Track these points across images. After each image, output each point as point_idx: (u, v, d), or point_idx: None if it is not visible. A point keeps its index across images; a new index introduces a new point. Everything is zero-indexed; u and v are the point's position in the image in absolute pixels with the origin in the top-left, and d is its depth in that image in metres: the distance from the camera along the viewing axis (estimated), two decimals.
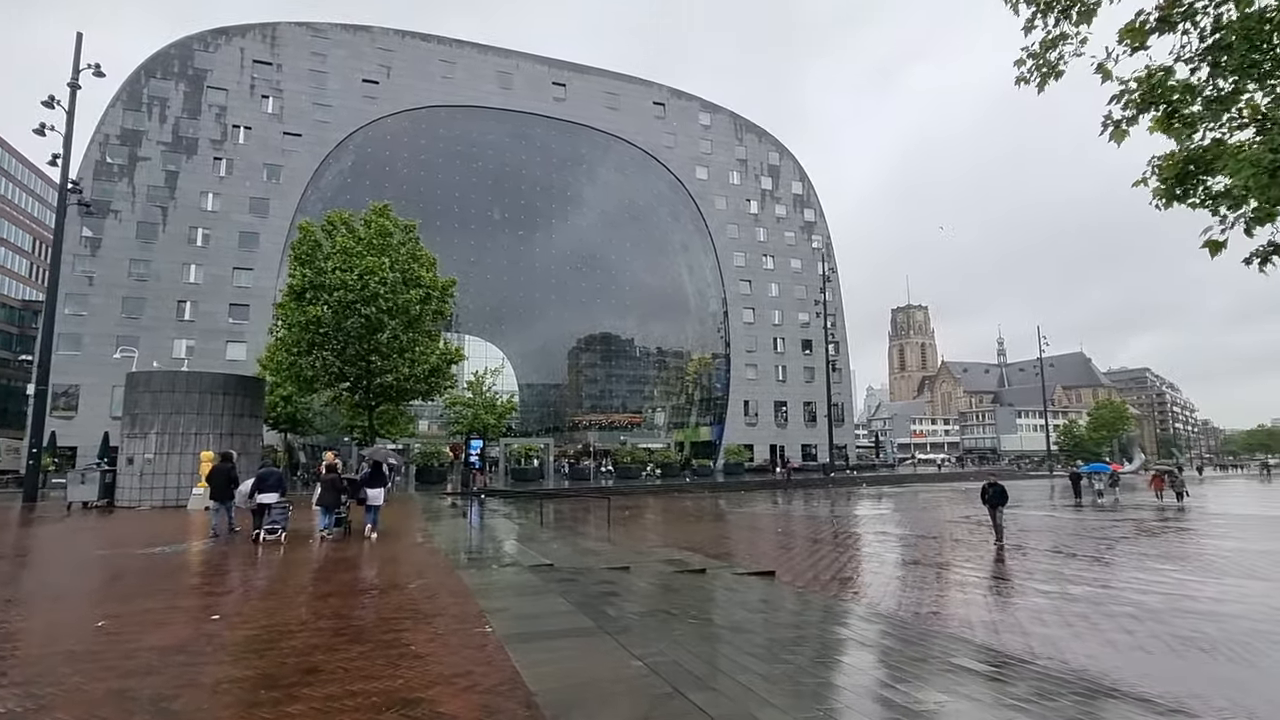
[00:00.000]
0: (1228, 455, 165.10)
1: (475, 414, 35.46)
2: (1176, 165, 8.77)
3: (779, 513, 26.73)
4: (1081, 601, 9.76)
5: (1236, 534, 18.90)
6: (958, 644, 6.64)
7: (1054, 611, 9.11)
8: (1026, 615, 8.88)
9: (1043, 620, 8.57)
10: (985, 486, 16.40)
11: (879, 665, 5.87)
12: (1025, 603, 9.69)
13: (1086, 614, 8.95)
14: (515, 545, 13.33)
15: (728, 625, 6.93)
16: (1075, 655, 7.02)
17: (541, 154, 63.81)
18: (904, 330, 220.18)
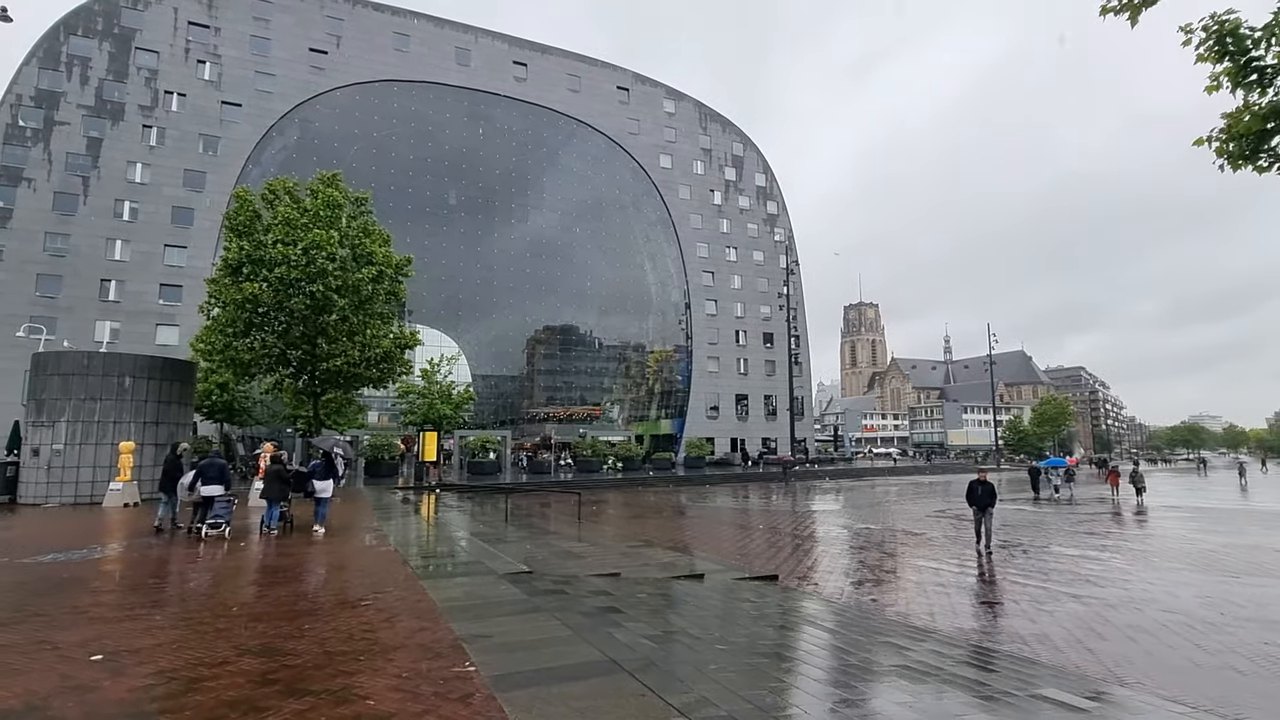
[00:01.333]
0: (1153, 450, 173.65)
1: (430, 404, 33.41)
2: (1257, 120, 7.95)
3: (750, 507, 25.83)
4: (1123, 609, 8.96)
5: (1223, 528, 18.83)
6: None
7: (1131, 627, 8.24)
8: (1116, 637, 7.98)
9: (1135, 639, 7.66)
10: (973, 484, 14.04)
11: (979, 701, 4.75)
12: (1071, 613, 8.81)
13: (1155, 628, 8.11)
14: (482, 547, 11.87)
15: (766, 652, 5.72)
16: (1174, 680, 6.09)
17: (501, 136, 61.50)
18: (856, 327, 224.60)
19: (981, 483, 13.90)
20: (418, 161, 58.59)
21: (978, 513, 13.82)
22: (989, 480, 14.05)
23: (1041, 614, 8.44)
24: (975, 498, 13.84)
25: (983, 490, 13.76)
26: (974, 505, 13.88)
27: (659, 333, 68.77)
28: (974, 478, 14.42)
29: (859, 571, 11.48)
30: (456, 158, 60.65)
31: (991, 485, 13.91)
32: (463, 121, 59.50)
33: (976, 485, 13.97)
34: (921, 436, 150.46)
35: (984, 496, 13.68)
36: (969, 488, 14.11)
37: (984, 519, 13.67)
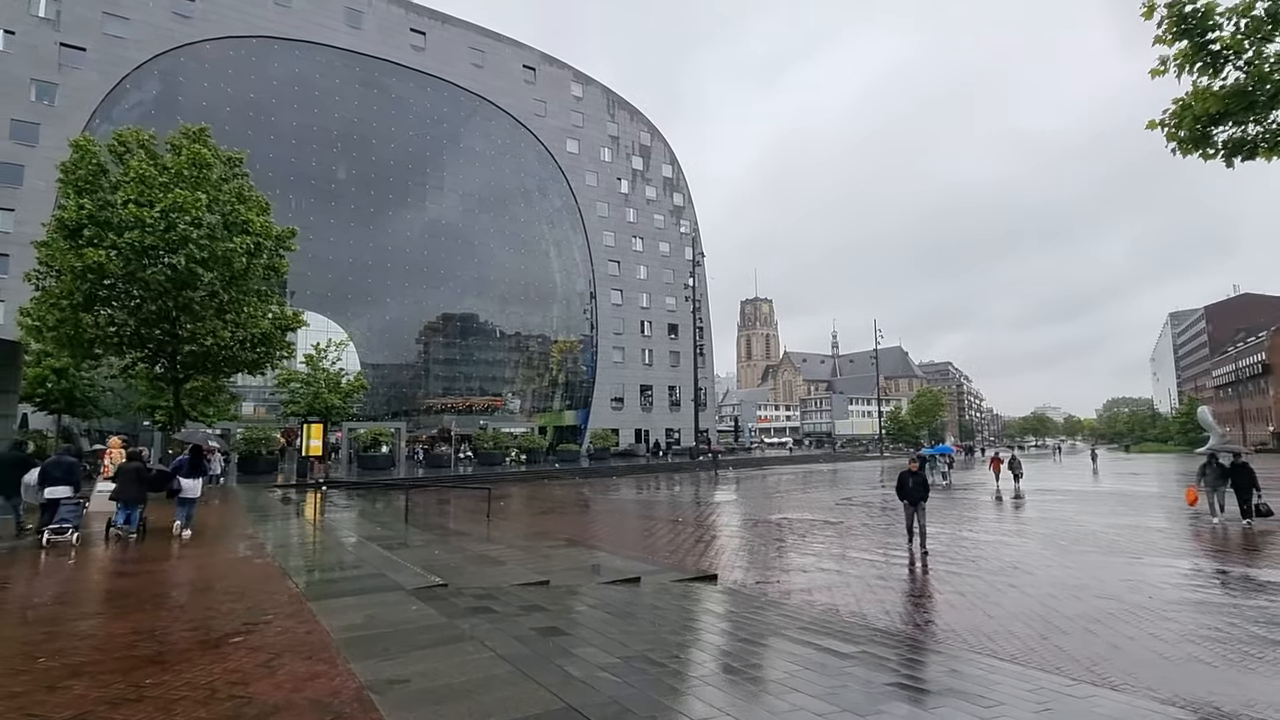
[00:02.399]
0: (1006, 438, 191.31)
1: (316, 393, 30.30)
2: (1217, 102, 7.89)
3: (664, 499, 25.26)
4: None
5: (1100, 509, 20.19)
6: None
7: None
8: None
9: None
10: (903, 476, 12.36)
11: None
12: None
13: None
14: (382, 554, 10.32)
15: (749, 677, 4.84)
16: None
17: (396, 109, 57.48)
18: (751, 321, 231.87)
19: (912, 474, 12.31)
20: (302, 130, 53.54)
21: (909, 507, 12.31)
22: (920, 471, 12.49)
23: (994, 607, 8.17)
24: (906, 490, 12.31)
25: (914, 482, 12.22)
26: (904, 499, 12.37)
27: (563, 322, 67.20)
28: (904, 468, 12.80)
29: (797, 568, 10.97)
30: (346, 129, 56.05)
31: (924, 477, 12.43)
32: (354, 90, 55.06)
33: (907, 477, 12.33)
34: (811, 426, 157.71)
35: (916, 489, 12.20)
36: (899, 480, 12.51)
37: (917, 514, 12.21)
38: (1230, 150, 8.05)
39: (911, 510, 12.26)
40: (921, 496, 12.19)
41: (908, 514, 12.38)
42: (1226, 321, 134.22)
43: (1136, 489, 29.24)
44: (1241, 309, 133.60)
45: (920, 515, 12.19)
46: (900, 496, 12.48)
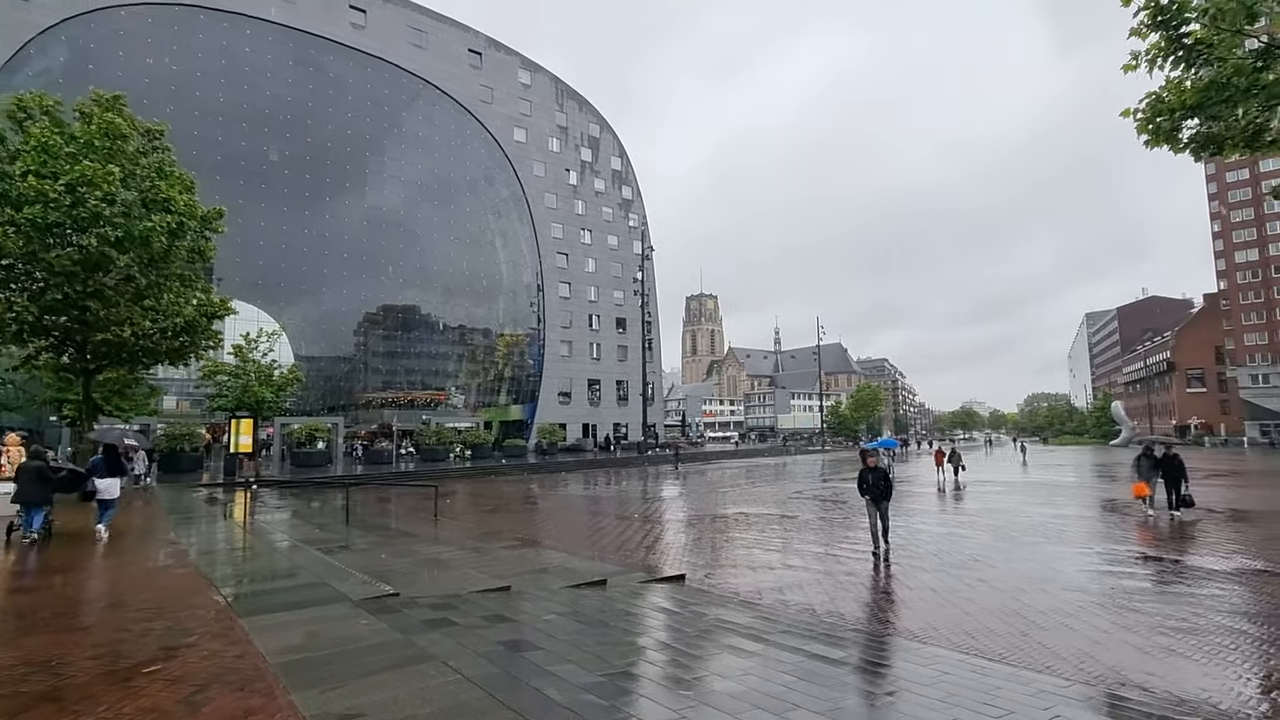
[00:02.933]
0: (937, 431, 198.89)
1: (245, 386, 28.36)
2: (1193, 94, 7.91)
3: (616, 495, 24.82)
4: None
5: (1038, 499, 20.87)
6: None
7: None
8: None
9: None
10: (864, 473, 11.12)
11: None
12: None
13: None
14: (322, 559, 9.49)
15: (746, 695, 4.42)
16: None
17: (334, 89, 54.81)
18: (696, 317, 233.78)
19: (872, 470, 11.10)
20: (231, 108, 50.35)
21: (872, 506, 11.12)
22: (881, 466, 11.41)
23: (968, 604, 8.05)
24: (868, 487, 11.09)
25: (875, 478, 11.01)
26: (866, 496, 11.20)
27: (510, 315, 65.81)
28: (864, 464, 11.45)
29: (763, 565, 10.70)
30: (279, 108, 53.08)
31: (885, 471, 11.33)
32: (287, 67, 52.18)
33: (867, 473, 11.09)
34: (755, 421, 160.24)
35: (878, 486, 11.00)
36: (860, 477, 11.28)
37: (880, 514, 11.08)
38: (1198, 145, 8.12)
39: (875, 509, 11.15)
40: (884, 494, 11.12)
41: (871, 513, 11.24)
42: (1136, 322, 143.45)
43: (1065, 479, 30.57)
44: (1149, 310, 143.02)
45: (883, 515, 11.16)
46: (861, 491, 11.33)
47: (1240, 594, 8.60)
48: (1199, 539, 12.94)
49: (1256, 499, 20.86)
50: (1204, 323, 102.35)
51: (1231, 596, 8.41)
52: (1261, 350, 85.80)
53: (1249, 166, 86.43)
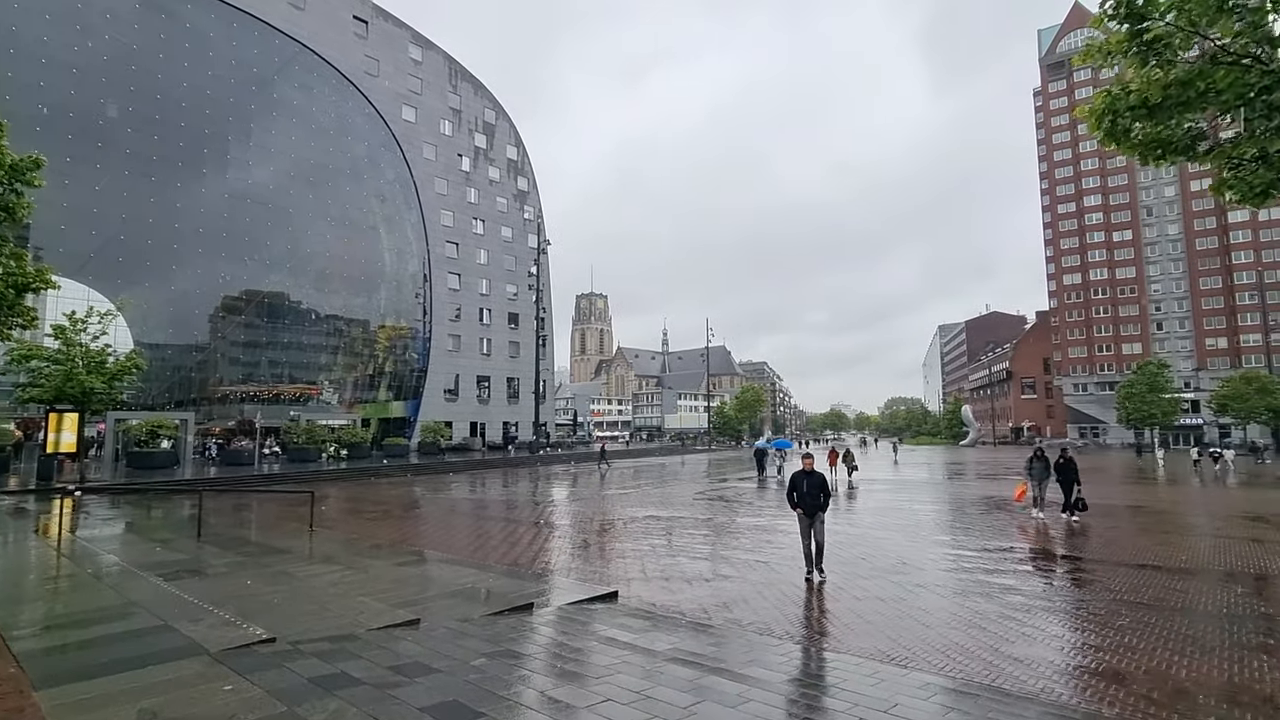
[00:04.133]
0: (809, 432, 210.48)
1: (68, 373, 23.83)
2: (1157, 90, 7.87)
3: (513, 498, 23.27)
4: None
5: (927, 497, 21.71)
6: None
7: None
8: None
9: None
10: (797, 478, 9.32)
11: None
12: None
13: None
14: (163, 589, 7.56)
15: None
16: None
17: (191, 43, 48.52)
18: (586, 316, 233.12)
19: (807, 474, 9.24)
20: (60, 55, 43.06)
21: (805, 520, 9.21)
22: (817, 472, 9.38)
23: (923, 614, 7.64)
24: (801, 497, 9.18)
25: (810, 486, 9.17)
26: (799, 509, 9.26)
27: (392, 306, 61.48)
28: (797, 469, 9.57)
29: (697, 576, 9.88)
30: (122, 57, 46.13)
31: (822, 478, 9.43)
32: (132, 10, 45.58)
33: (801, 479, 9.22)
34: (643, 420, 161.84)
35: (813, 495, 9.16)
36: (791, 483, 9.36)
37: (814, 528, 9.15)
38: (1146, 147, 8.16)
39: (809, 524, 9.18)
40: (820, 505, 9.20)
41: (804, 529, 9.28)
42: (980, 334, 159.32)
43: (938, 478, 32.46)
44: (991, 324, 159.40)
45: (818, 530, 9.20)
46: (793, 504, 9.38)
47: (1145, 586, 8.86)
48: (1108, 541, 13.45)
49: (1102, 495, 22.89)
50: (1035, 337, 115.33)
51: (1149, 589, 8.62)
52: (1082, 362, 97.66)
53: (1075, 200, 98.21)
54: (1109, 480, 30.46)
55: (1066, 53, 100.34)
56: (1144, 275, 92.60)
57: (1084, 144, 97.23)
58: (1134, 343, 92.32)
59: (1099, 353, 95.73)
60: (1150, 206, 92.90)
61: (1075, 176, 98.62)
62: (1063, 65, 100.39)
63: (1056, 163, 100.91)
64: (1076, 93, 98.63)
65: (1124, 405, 75.10)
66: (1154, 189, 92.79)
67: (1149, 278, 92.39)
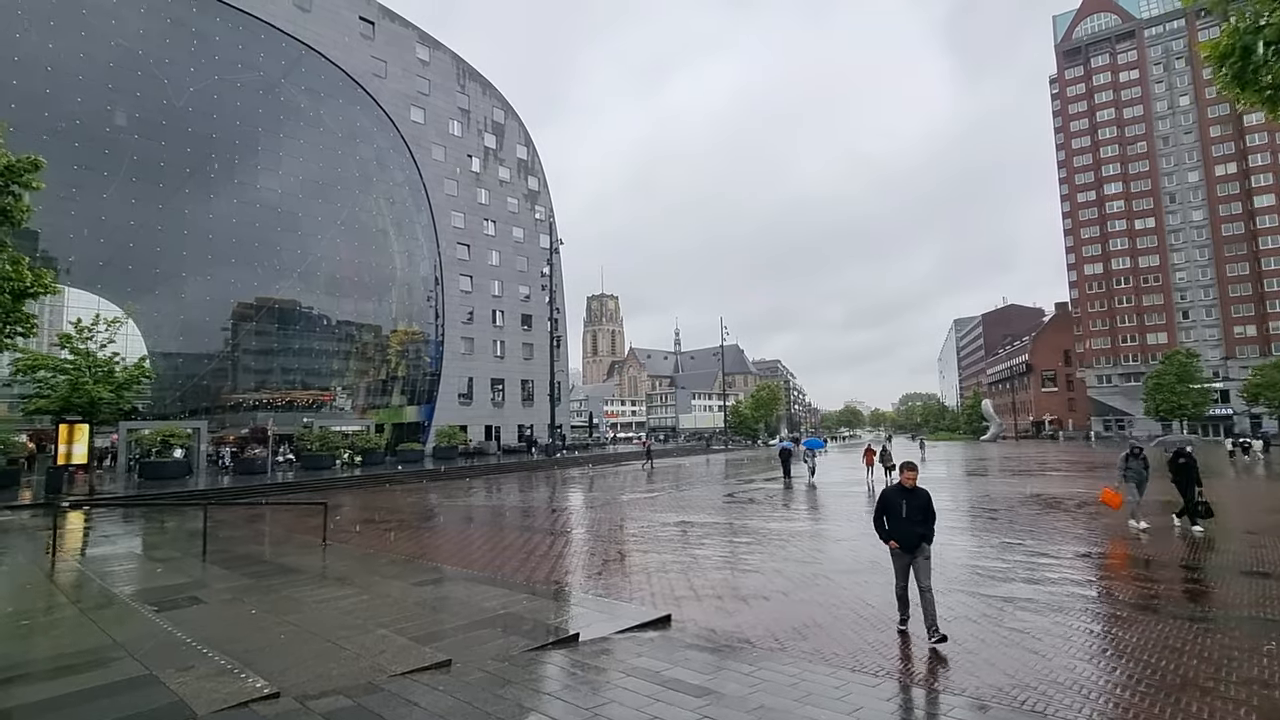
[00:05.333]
0: (824, 430, 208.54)
1: (74, 382, 23.11)
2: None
3: (530, 503, 22.30)
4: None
5: (983, 501, 20.50)
6: None
7: None
8: None
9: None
10: (890, 497, 6.95)
11: None
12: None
13: None
14: (155, 626, 6.63)
15: None
16: None
17: (197, 45, 48.05)
18: (598, 317, 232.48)
19: (907, 492, 6.84)
20: (65, 59, 42.66)
21: (902, 557, 6.78)
22: (919, 489, 6.89)
23: (1035, 641, 6.55)
24: (897, 523, 6.77)
25: (910, 508, 6.74)
26: (893, 539, 6.81)
27: (404, 309, 60.75)
28: (891, 486, 7.40)
29: (753, 594, 8.83)
30: (129, 64, 45.72)
31: (927, 497, 6.87)
32: (137, 16, 45.17)
33: (898, 499, 6.82)
34: (657, 421, 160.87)
35: (915, 521, 6.72)
36: (882, 504, 6.96)
37: (916, 569, 6.67)
38: (1275, 94, 7.02)
39: (907, 560, 6.74)
40: (924, 537, 6.71)
41: (900, 565, 6.85)
42: (997, 328, 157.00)
43: (973, 475, 31.10)
44: (1009, 317, 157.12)
45: (922, 569, 6.62)
46: (884, 535, 6.92)
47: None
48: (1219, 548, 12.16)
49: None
50: (1055, 329, 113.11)
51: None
52: (1105, 354, 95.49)
53: (1095, 189, 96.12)
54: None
55: (1083, 38, 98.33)
56: (1168, 263, 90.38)
57: (1103, 131, 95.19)
58: (1159, 332, 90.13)
59: (1123, 343, 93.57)
60: (1173, 193, 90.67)
61: (1094, 164, 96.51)
62: (1079, 51, 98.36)
63: (1075, 150, 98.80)
64: (1094, 78, 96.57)
65: (1152, 396, 73.16)
66: (1176, 174, 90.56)
67: (1173, 265, 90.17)
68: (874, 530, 7.13)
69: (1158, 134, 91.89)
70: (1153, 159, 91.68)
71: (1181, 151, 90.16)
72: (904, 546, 6.75)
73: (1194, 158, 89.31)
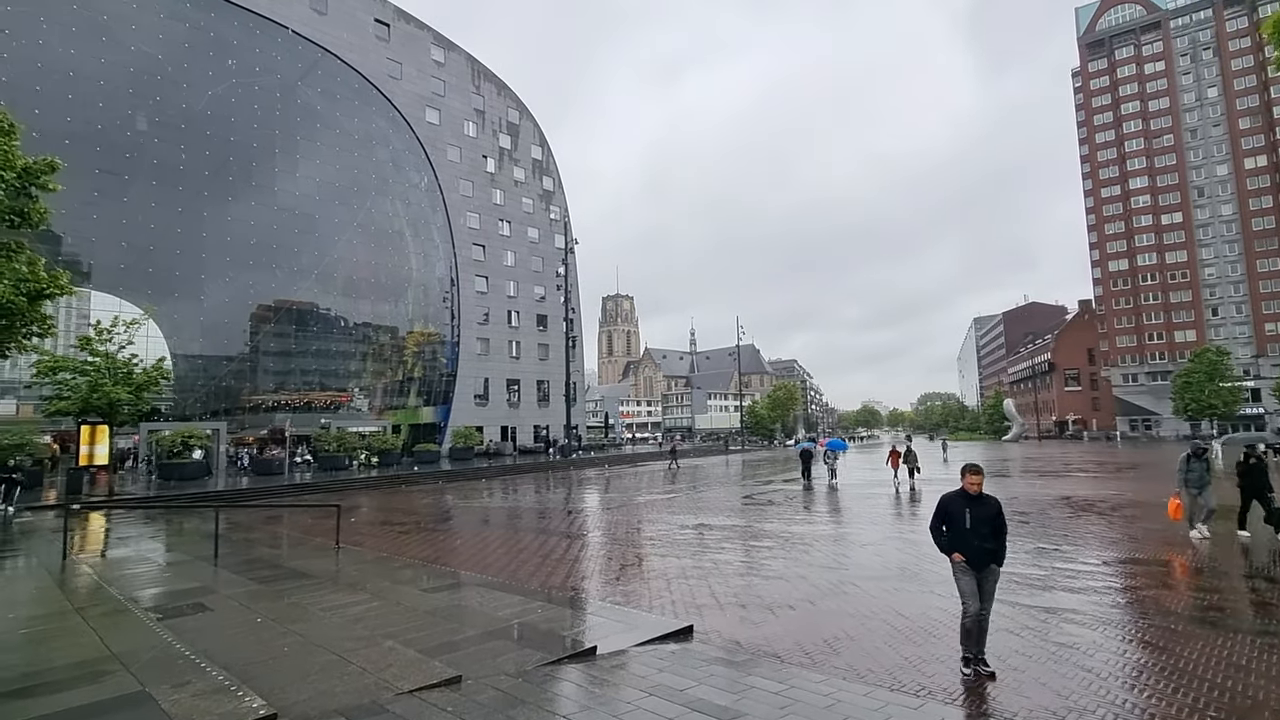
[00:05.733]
0: (841, 430, 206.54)
1: (94, 384, 23.23)
2: None
3: (546, 505, 22.02)
4: None
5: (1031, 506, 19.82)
6: None
7: None
8: None
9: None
10: (950, 506, 5.82)
11: None
12: None
13: None
14: (156, 635, 6.39)
15: None
16: None
17: (216, 50, 48.46)
18: (613, 318, 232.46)
19: (974, 499, 5.72)
20: (87, 65, 43.17)
21: (968, 572, 5.66)
22: (984, 495, 5.77)
23: (1087, 659, 6.10)
24: (961, 535, 5.68)
25: (978, 517, 5.66)
26: (956, 551, 5.69)
27: (420, 310, 60.89)
28: (952, 491, 5.91)
29: (778, 603, 8.43)
30: (148, 69, 46.17)
31: (998, 506, 5.77)
32: (158, 21, 45.62)
33: (961, 507, 5.74)
34: (672, 421, 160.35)
35: (983, 532, 5.64)
36: (942, 512, 5.86)
37: (983, 588, 5.66)
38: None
39: (975, 579, 5.62)
40: (994, 554, 5.66)
41: (966, 586, 5.64)
42: (1018, 326, 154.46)
43: (999, 476, 30.32)
44: (1030, 315, 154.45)
45: (989, 588, 5.68)
46: (945, 546, 5.79)
47: None
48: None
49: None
50: (1078, 327, 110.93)
51: None
52: (1131, 352, 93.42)
53: (1120, 183, 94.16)
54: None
55: (1106, 30, 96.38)
56: (1196, 258, 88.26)
57: (1127, 124, 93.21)
58: (1187, 330, 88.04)
59: (1149, 341, 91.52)
60: (1201, 187, 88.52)
61: (1119, 159, 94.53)
62: (1103, 44, 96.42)
63: (1099, 145, 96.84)
64: (1118, 70, 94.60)
65: (1181, 395, 71.44)
66: (1204, 168, 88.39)
67: (1202, 261, 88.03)
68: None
69: (1185, 126, 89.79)
70: (1180, 152, 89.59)
71: (1210, 144, 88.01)
72: (972, 560, 5.66)
73: (1223, 150, 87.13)
